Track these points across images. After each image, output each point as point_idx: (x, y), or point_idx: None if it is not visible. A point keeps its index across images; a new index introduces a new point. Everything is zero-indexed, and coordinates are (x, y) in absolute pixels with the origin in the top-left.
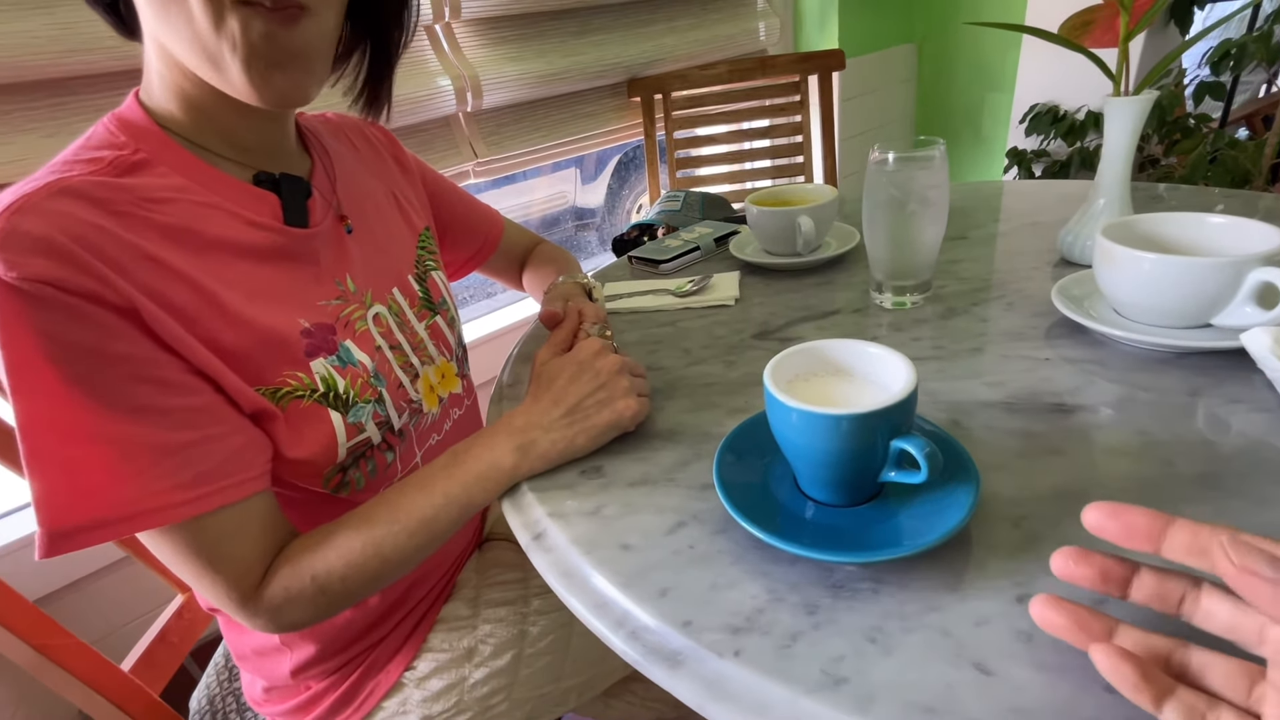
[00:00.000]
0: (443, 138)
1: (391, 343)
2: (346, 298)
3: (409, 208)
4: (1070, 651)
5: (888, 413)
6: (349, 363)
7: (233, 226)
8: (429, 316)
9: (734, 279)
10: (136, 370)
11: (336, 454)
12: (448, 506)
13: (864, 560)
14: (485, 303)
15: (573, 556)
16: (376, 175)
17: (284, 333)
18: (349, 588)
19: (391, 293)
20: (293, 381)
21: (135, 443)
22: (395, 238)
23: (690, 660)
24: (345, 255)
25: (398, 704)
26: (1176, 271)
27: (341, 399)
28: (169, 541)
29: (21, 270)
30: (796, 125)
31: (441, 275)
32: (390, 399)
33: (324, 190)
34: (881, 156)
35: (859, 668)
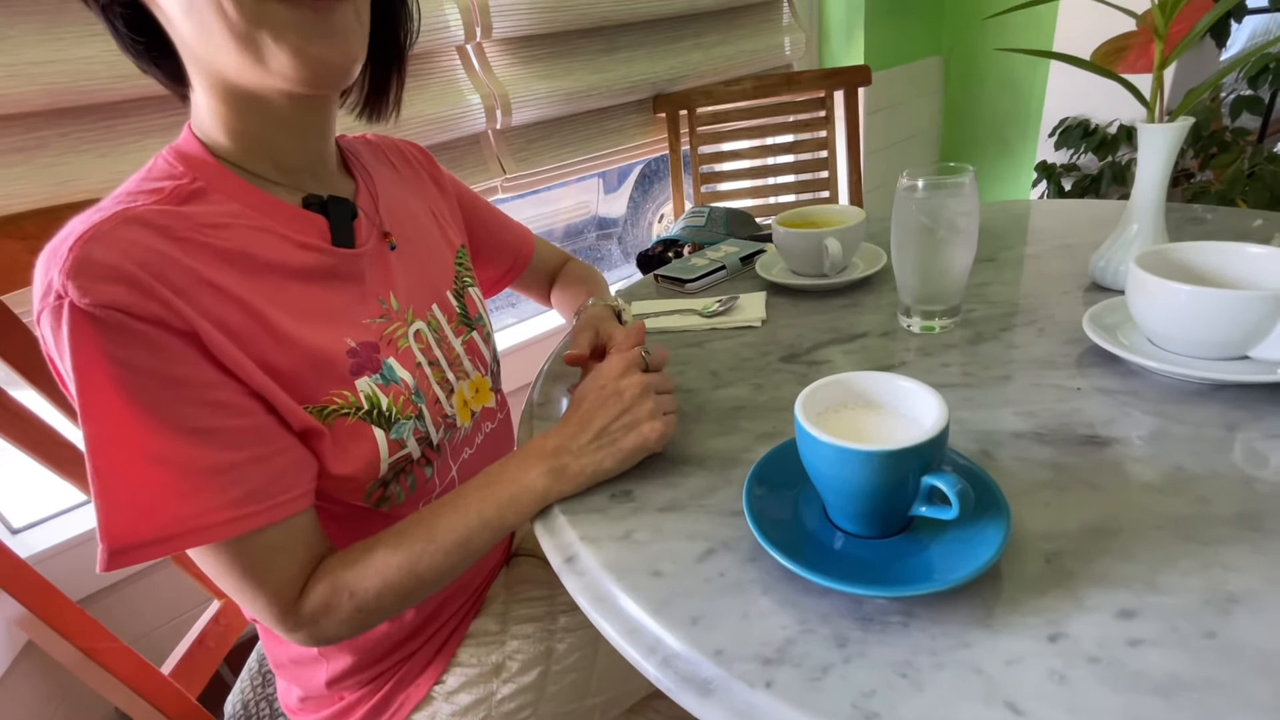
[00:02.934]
0: (472, 154)
1: (430, 359)
2: (390, 315)
3: (447, 225)
4: (1105, 693)
5: (920, 449)
6: (392, 380)
7: (283, 249)
8: (466, 332)
9: (760, 299)
10: (196, 394)
11: (379, 469)
12: (482, 529)
13: (895, 595)
14: (509, 313)
15: (604, 581)
16: (416, 194)
17: (331, 352)
18: (384, 604)
19: (431, 309)
20: (339, 400)
21: (193, 463)
22: (435, 255)
23: (721, 690)
24: (389, 273)
25: (427, 717)
26: (1213, 304)
27: (384, 416)
28: (215, 557)
29: (95, 297)
30: (821, 141)
31: (478, 292)
32: (429, 415)
33: (368, 210)
34: (911, 183)
35: (890, 703)
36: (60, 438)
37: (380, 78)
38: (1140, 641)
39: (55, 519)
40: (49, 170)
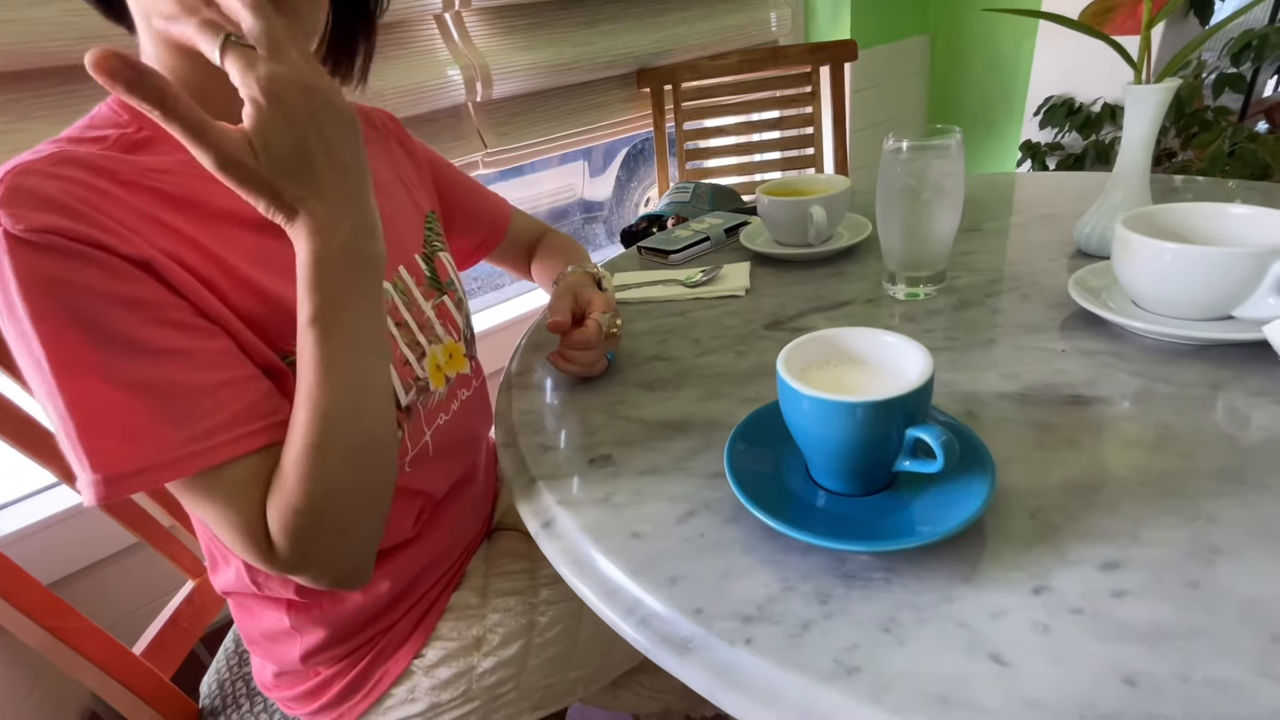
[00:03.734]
0: (452, 128)
1: (397, 320)
2: None
3: (415, 190)
4: (1089, 642)
5: (903, 401)
6: None
7: (235, 199)
8: (436, 296)
9: (744, 269)
10: (159, 314)
11: None
12: (331, 346)
13: (878, 549)
14: (493, 294)
15: (583, 544)
16: (382, 158)
17: (289, 304)
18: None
19: (398, 271)
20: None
21: (174, 385)
22: (401, 217)
23: (700, 648)
24: None
25: (406, 691)
26: (1198, 262)
27: None
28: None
29: (29, 222)
30: (808, 117)
31: (449, 257)
32: (396, 375)
33: None
34: (896, 145)
35: (872, 657)
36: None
37: (345, 44)
38: (1124, 592)
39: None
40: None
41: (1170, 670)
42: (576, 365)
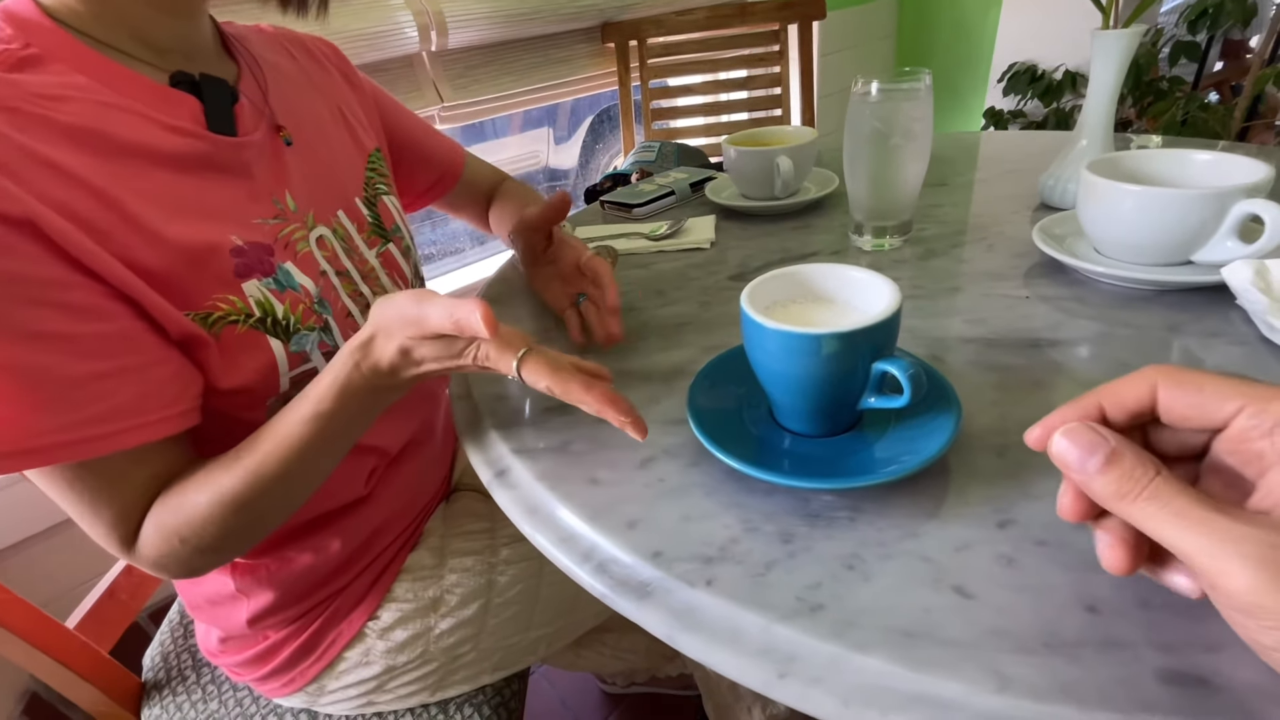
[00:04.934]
0: (405, 78)
1: (338, 269)
2: (286, 216)
3: (358, 127)
4: (1053, 572)
5: (871, 332)
6: (288, 286)
7: (147, 131)
8: (380, 243)
9: (710, 222)
10: (38, 293)
11: (278, 383)
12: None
13: (843, 486)
14: (452, 259)
15: (538, 492)
16: (321, 90)
17: (210, 250)
18: (228, 538)
19: (337, 215)
20: (224, 305)
21: (44, 372)
22: (341, 157)
23: (659, 591)
24: (283, 171)
25: (360, 654)
26: (1161, 204)
27: (281, 325)
28: (61, 476)
29: None
30: (775, 76)
31: (394, 201)
32: (338, 328)
33: (254, 98)
34: (865, 87)
35: (836, 594)
36: None
37: None
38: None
39: None
40: None
41: (1131, 597)
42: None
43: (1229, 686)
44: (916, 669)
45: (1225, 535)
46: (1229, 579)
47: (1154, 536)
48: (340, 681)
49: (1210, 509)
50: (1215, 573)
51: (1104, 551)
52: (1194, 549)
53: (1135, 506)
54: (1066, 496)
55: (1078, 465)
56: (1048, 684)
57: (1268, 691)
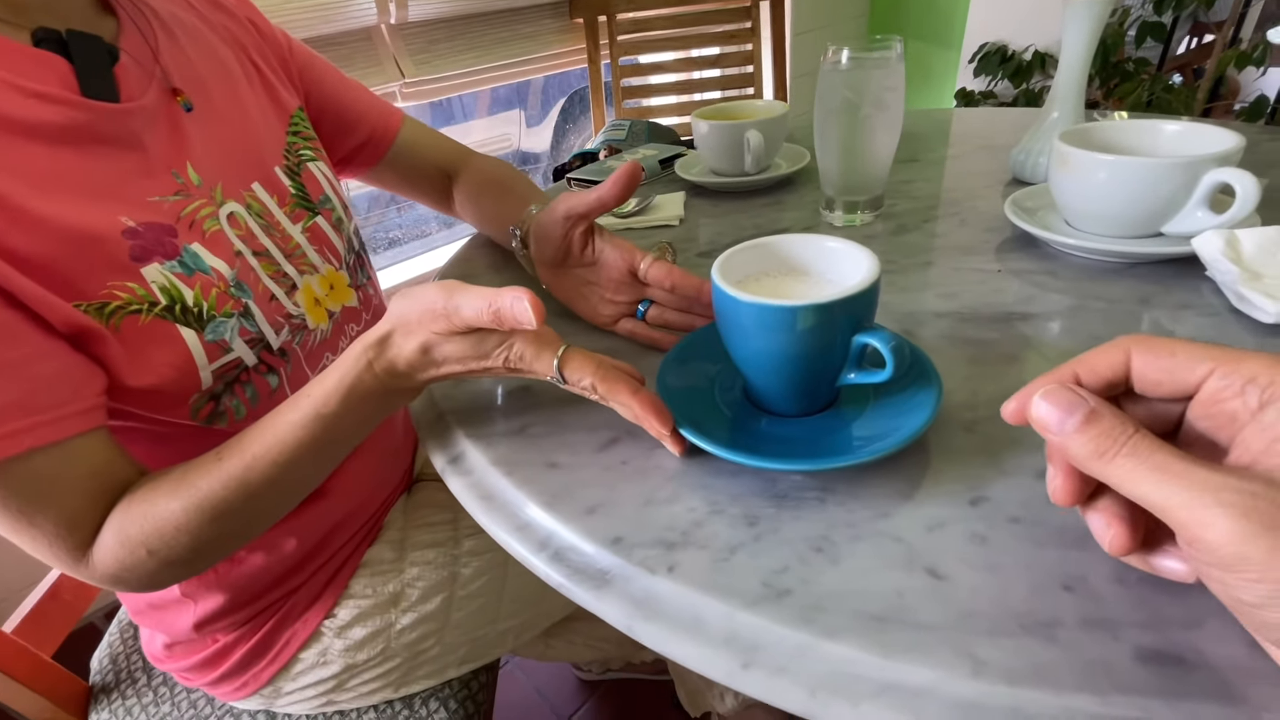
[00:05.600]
0: (364, 53)
1: (255, 248)
2: (189, 192)
3: (275, 85)
4: (1028, 550)
5: (850, 303)
6: (198, 269)
7: (7, 98)
8: (306, 217)
9: (679, 199)
10: None
11: (199, 378)
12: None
13: (822, 468)
14: (418, 244)
15: (493, 478)
16: (230, 44)
17: (98, 233)
18: (202, 549)
19: (251, 189)
20: (122, 294)
21: None
22: (257, 121)
23: (619, 579)
24: (183, 141)
25: (317, 654)
26: (1132, 173)
27: (192, 313)
28: None
29: None
30: (747, 55)
31: (323, 167)
32: (261, 313)
33: (140, 56)
34: (836, 56)
35: (803, 577)
36: None
37: None
38: None
39: None
40: None
41: (1107, 573)
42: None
43: (1208, 664)
44: (887, 655)
45: (1204, 485)
46: (1209, 530)
47: (1133, 495)
48: (297, 683)
49: (1189, 462)
50: (1195, 524)
51: (1102, 533)
52: (1174, 502)
53: (1114, 464)
54: (1057, 479)
55: (1057, 425)
56: (1023, 667)
57: (1246, 668)
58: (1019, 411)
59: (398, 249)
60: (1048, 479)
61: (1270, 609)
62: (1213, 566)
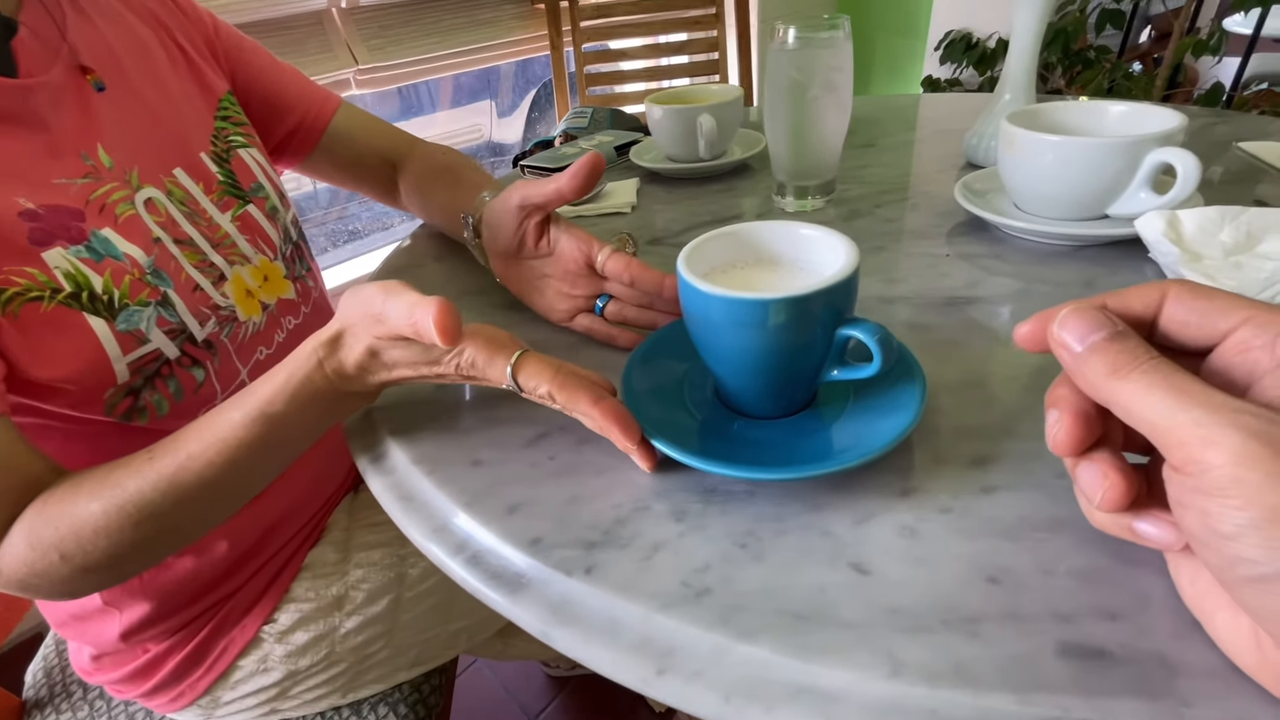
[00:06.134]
0: (315, 38)
1: (178, 235)
2: (99, 175)
3: (204, 67)
4: (955, 542)
5: (829, 294)
6: (107, 255)
7: None
8: (236, 205)
9: (631, 186)
10: None
11: (113, 372)
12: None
13: (803, 475)
14: (380, 235)
15: (414, 477)
16: (150, 24)
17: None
18: (123, 555)
19: (172, 174)
20: (20, 279)
21: None
22: (179, 104)
23: (535, 583)
24: (93, 121)
25: (257, 661)
26: (1076, 154)
27: (102, 300)
28: None
29: None
30: (713, 41)
31: (256, 154)
32: (183, 303)
33: (43, 32)
34: (783, 36)
35: (725, 576)
36: None
37: None
38: (994, 488)
39: None
40: None
41: (1034, 564)
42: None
43: (1132, 658)
44: (804, 657)
45: (1221, 405)
46: (1213, 448)
47: (1140, 415)
48: (236, 692)
49: (1207, 386)
50: (1200, 442)
51: (1096, 485)
52: (1184, 419)
53: (1128, 379)
54: (1062, 421)
55: (1079, 339)
56: (942, 665)
57: (1172, 662)
58: (1034, 333)
59: (359, 241)
60: (1048, 426)
61: (1243, 540)
62: (1199, 493)
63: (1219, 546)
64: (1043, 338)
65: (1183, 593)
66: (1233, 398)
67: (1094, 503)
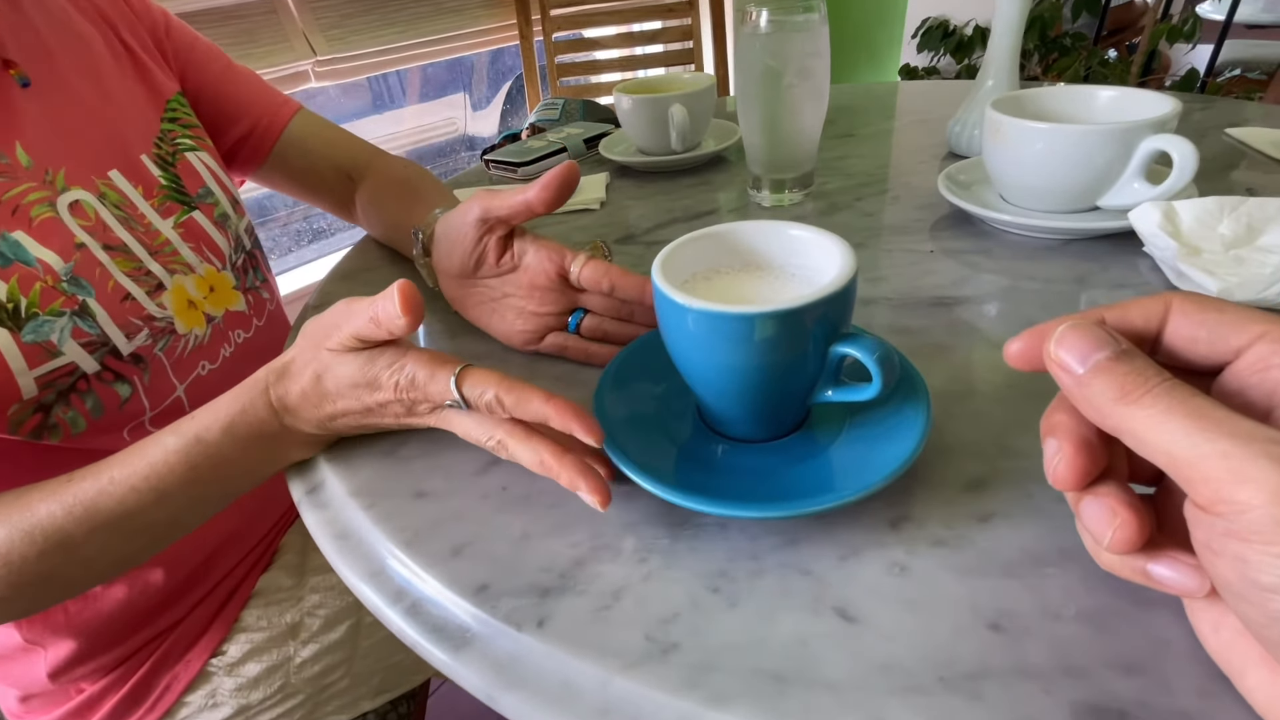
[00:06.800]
0: (268, 29)
1: (109, 241)
2: (14, 175)
3: (152, 66)
4: (951, 580)
5: (823, 307)
6: (16, 259)
7: None
8: (180, 211)
9: (600, 181)
10: None
11: (15, 386)
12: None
13: (797, 513)
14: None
15: (350, 511)
16: (94, 20)
17: None
18: (25, 587)
19: (107, 176)
20: None
21: None
22: (121, 103)
23: (480, 638)
24: (12, 118)
25: (205, 697)
26: (1066, 141)
27: (6, 309)
28: None
29: None
30: (687, 30)
31: (206, 158)
32: (106, 313)
33: None
34: (755, 20)
35: (694, 627)
36: None
37: None
38: (992, 515)
39: None
40: None
41: (1039, 606)
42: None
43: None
44: None
45: (1250, 435)
46: (1246, 486)
47: (1155, 446)
48: None
49: (1230, 412)
50: (1231, 478)
51: (1104, 525)
52: (1208, 450)
53: (1139, 405)
54: (1063, 452)
55: (1080, 359)
56: None
57: None
58: (1026, 351)
59: (324, 241)
60: (1047, 457)
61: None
62: (1233, 537)
63: (1258, 600)
64: (1036, 356)
65: (1204, 641)
66: (1262, 425)
67: (1102, 543)
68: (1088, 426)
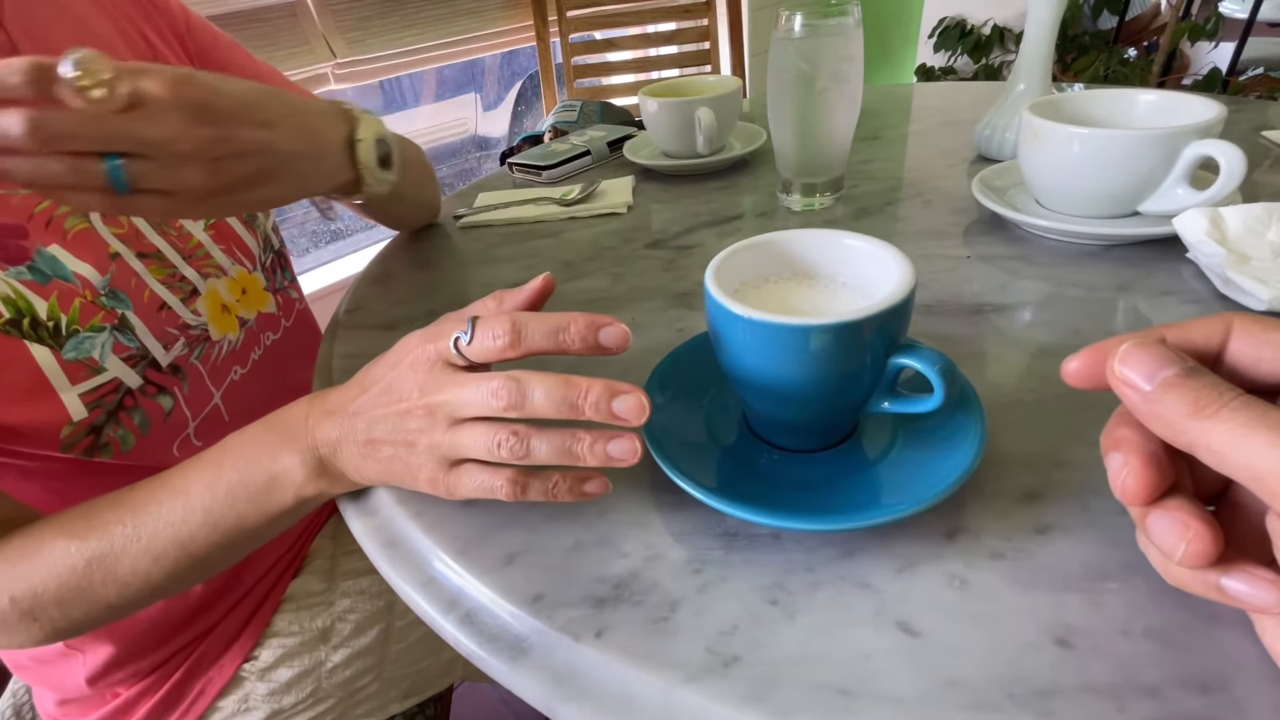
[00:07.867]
0: (289, 32)
1: (142, 249)
2: None
3: (174, 62)
4: (1013, 594)
5: (883, 319)
6: (56, 276)
7: None
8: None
9: (627, 184)
10: None
11: (62, 405)
12: (209, 529)
13: (853, 526)
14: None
15: (399, 520)
16: (109, 12)
17: None
18: (71, 615)
19: None
20: None
21: None
22: None
23: (538, 648)
24: None
25: (237, 701)
26: (1109, 147)
27: (46, 327)
28: None
29: None
30: (704, 30)
31: None
32: (144, 325)
33: None
34: (789, 24)
35: (755, 640)
36: None
37: None
38: (1049, 527)
39: None
40: None
41: (1106, 622)
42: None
43: None
44: None
45: None
46: None
47: (1233, 459)
48: None
49: None
50: None
51: (1176, 539)
52: None
53: (1217, 419)
54: (1131, 465)
55: (1148, 376)
56: None
57: None
58: (1085, 369)
59: (341, 241)
60: (1112, 471)
61: None
62: None
63: None
64: (1095, 374)
65: (1277, 659)
66: None
67: (1174, 558)
68: (1154, 441)
